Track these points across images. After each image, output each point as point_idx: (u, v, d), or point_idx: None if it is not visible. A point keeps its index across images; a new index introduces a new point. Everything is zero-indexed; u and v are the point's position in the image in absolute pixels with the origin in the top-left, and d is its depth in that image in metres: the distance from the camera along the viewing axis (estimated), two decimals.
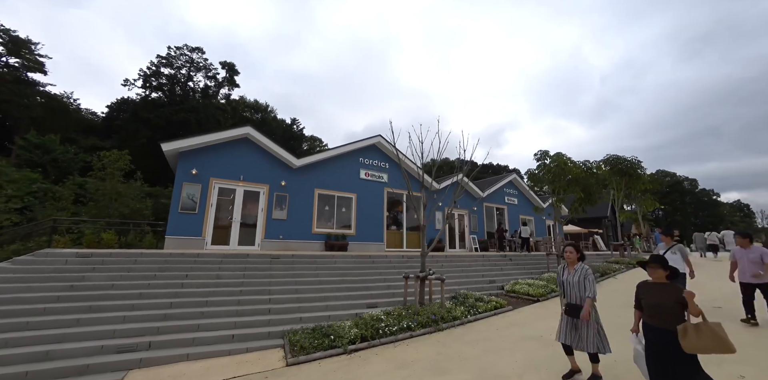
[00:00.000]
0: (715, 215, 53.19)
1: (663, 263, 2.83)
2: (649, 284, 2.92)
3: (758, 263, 5.00)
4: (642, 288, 2.96)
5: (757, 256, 5.03)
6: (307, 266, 7.81)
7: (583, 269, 3.52)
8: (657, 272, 2.83)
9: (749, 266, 5.09)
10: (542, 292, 7.58)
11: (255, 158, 10.35)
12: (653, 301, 2.75)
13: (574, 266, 3.59)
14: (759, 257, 5.02)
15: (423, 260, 6.68)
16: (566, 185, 9.57)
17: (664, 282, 2.83)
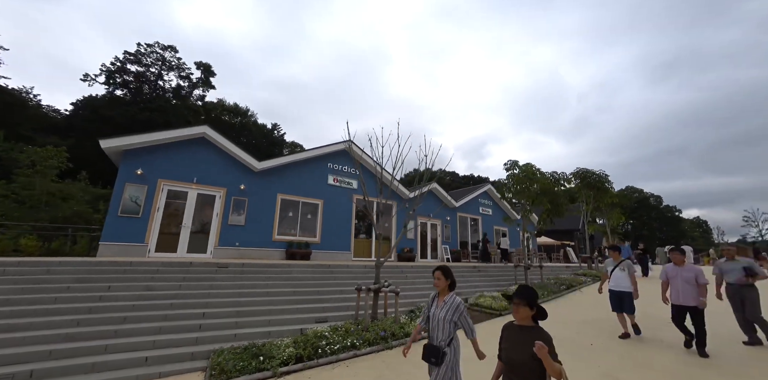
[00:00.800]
0: (677, 230, 55.97)
1: (529, 298, 2.00)
2: (513, 327, 2.10)
3: (692, 283, 4.40)
4: (504, 332, 2.15)
5: (692, 276, 4.43)
6: (258, 277, 7.21)
7: (453, 301, 2.61)
8: (520, 311, 2.02)
9: (683, 286, 4.50)
10: (505, 305, 7.29)
11: (212, 159, 9.72)
12: (509, 354, 2.02)
13: (443, 298, 2.69)
14: (693, 277, 4.41)
15: (377, 271, 6.26)
16: (534, 195, 9.53)
17: (529, 326, 2.02)
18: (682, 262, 4.68)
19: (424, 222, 14.99)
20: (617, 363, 4.14)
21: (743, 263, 4.81)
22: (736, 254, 5.12)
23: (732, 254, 5.06)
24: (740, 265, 4.81)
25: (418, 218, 14.62)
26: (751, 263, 4.79)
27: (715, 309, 5.34)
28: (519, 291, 2.06)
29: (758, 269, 4.65)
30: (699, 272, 4.46)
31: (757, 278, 4.65)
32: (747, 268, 4.71)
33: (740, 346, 4.80)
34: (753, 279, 4.65)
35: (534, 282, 10.12)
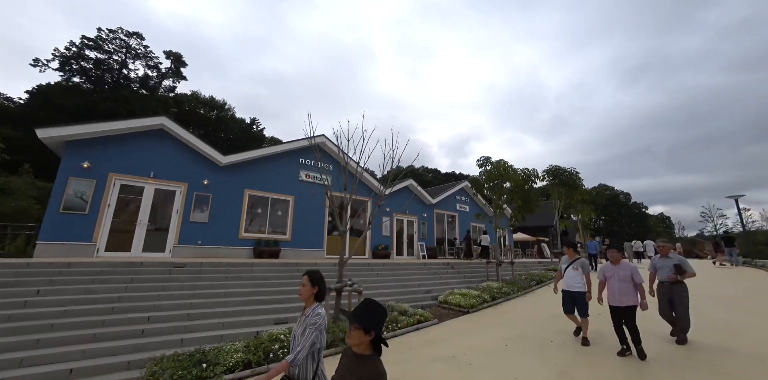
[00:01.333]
0: (643, 225, 58.90)
1: (364, 321, 1.55)
2: (349, 353, 1.66)
3: (628, 282, 4.18)
4: (341, 358, 1.70)
5: (628, 274, 4.20)
6: (216, 277, 6.80)
7: (314, 314, 2.11)
8: (352, 336, 1.57)
9: (620, 285, 4.21)
10: (474, 303, 7.24)
11: (171, 152, 9.11)
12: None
13: (306, 310, 2.19)
14: (629, 276, 4.19)
15: (340, 270, 6.02)
16: (506, 192, 9.55)
17: (362, 355, 1.57)
18: (619, 261, 4.40)
19: (400, 219, 14.84)
20: (572, 360, 4.10)
21: (675, 260, 4.63)
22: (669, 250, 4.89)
23: (666, 250, 4.81)
24: (672, 262, 4.62)
25: (393, 214, 14.46)
26: (681, 260, 4.60)
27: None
28: (356, 311, 1.60)
29: (687, 267, 4.49)
30: (634, 270, 4.24)
31: (686, 276, 4.48)
32: (677, 265, 4.54)
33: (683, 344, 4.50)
34: (682, 277, 4.48)
35: (505, 279, 10.19)
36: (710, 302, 7.14)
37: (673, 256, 4.69)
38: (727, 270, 13.53)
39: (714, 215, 32.54)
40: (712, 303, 6.98)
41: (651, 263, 4.93)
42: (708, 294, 8.08)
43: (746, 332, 4.96)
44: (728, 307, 6.59)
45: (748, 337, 4.71)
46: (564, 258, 5.14)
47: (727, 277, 11.45)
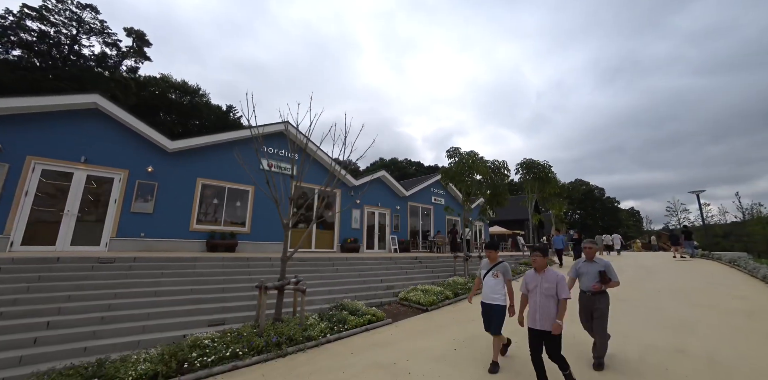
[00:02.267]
0: (615, 219, 61.34)
1: None
2: None
3: (552, 296, 3.18)
4: None
5: (552, 286, 3.19)
6: (149, 273, 6.12)
7: None
8: None
9: (541, 301, 3.22)
10: (434, 300, 6.90)
11: (108, 135, 8.17)
12: None
13: None
14: (554, 288, 3.18)
15: (283, 266, 5.47)
16: (474, 184, 9.23)
17: None
18: (543, 268, 3.34)
19: (371, 211, 14.37)
20: (519, 371, 3.78)
21: (600, 265, 3.77)
22: None
23: (593, 253, 3.91)
24: (597, 268, 3.76)
25: (364, 206, 13.97)
26: (607, 265, 3.75)
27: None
28: None
29: (612, 274, 3.72)
30: (560, 280, 3.19)
31: (609, 285, 3.72)
32: (602, 272, 3.71)
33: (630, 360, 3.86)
34: (606, 286, 3.71)
35: (473, 273, 9.96)
36: (668, 295, 7.12)
37: (599, 260, 3.83)
38: (685, 263, 13.96)
39: (678, 209, 34.07)
40: (669, 297, 6.96)
41: (573, 268, 3.99)
42: (666, 287, 8.12)
43: (700, 328, 4.83)
44: (684, 301, 6.56)
45: (702, 334, 4.57)
46: (484, 262, 4.07)
47: (685, 269, 11.74)
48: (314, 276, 7.78)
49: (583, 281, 3.86)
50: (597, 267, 3.78)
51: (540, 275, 3.36)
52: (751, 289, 7.63)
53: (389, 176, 15.01)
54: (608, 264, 3.77)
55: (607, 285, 3.72)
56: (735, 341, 4.31)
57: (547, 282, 3.28)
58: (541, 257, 3.36)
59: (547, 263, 3.43)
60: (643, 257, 17.86)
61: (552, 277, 3.29)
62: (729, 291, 7.33)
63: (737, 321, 5.08)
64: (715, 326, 4.92)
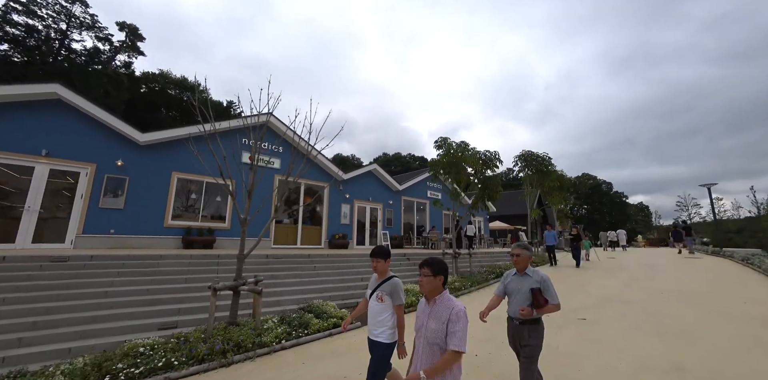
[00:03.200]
0: (623, 214, 59.89)
1: None
2: None
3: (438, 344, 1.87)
4: None
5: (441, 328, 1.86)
6: (105, 272, 5.72)
7: None
8: None
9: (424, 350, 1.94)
10: (413, 301, 6.38)
11: (73, 128, 7.77)
12: None
13: None
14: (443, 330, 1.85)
15: (239, 265, 5.00)
16: (462, 176, 8.63)
17: None
18: (433, 295, 2.02)
19: (362, 206, 13.86)
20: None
21: (535, 280, 2.62)
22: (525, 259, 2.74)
23: (524, 263, 2.72)
24: (529, 284, 2.62)
25: (355, 201, 13.46)
26: (543, 281, 2.61)
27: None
28: None
29: (550, 294, 2.57)
30: (457, 317, 1.83)
31: (545, 310, 2.54)
32: (536, 290, 2.55)
33: None
34: (539, 311, 2.54)
35: (461, 271, 9.42)
36: (672, 297, 6.49)
37: (533, 273, 2.68)
38: (694, 260, 13.18)
39: (689, 204, 32.83)
40: (673, 299, 6.32)
41: (500, 285, 2.90)
42: (671, 287, 7.47)
43: (705, 338, 4.22)
44: (690, 304, 5.92)
45: (707, 346, 3.96)
46: (373, 278, 2.78)
47: (694, 268, 11.01)
48: (289, 274, 7.34)
49: (511, 302, 2.71)
50: (529, 283, 2.60)
51: (429, 306, 1.98)
52: (766, 291, 6.94)
53: (381, 169, 14.46)
54: (545, 279, 2.61)
55: (541, 309, 2.52)
56: (745, 355, 3.70)
57: (435, 320, 1.90)
58: (431, 279, 1.96)
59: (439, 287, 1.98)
60: (649, 254, 17.09)
61: (443, 311, 1.88)
62: (741, 294, 6.66)
63: (749, 330, 4.45)
64: (722, 335, 4.31)
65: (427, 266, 2.02)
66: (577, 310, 5.69)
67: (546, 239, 11.75)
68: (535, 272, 2.70)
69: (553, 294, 2.58)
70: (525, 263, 2.72)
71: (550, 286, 2.60)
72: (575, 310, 5.70)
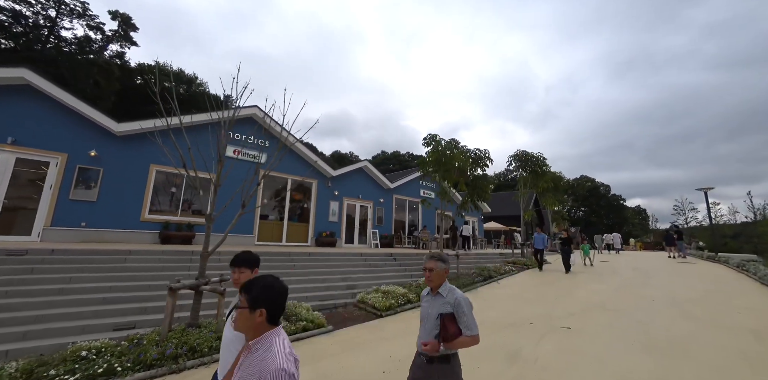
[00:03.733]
0: (620, 217, 59.82)
1: None
2: None
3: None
4: None
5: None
6: (65, 268, 5.40)
7: None
8: None
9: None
10: (391, 304, 6.10)
11: (43, 116, 7.42)
12: None
13: None
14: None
15: (202, 263, 4.69)
16: (450, 174, 8.33)
17: None
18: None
19: (351, 204, 13.55)
20: None
21: (447, 302, 1.95)
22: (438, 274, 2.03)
23: (437, 278, 2.02)
24: (439, 307, 1.95)
25: (344, 198, 13.14)
26: (459, 303, 1.91)
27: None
28: None
29: (466, 322, 1.87)
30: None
31: (457, 344, 1.87)
32: (445, 316, 1.89)
33: None
34: (450, 345, 1.87)
35: (452, 271, 9.12)
36: (662, 305, 6.22)
37: (448, 292, 1.98)
38: (687, 265, 12.95)
39: (686, 208, 32.66)
40: (663, 307, 6.05)
41: None
42: (662, 294, 7.20)
43: (694, 351, 3.94)
44: (680, 313, 5.65)
45: (695, 360, 3.68)
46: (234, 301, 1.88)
47: (687, 273, 10.76)
48: (265, 273, 7.03)
49: (420, 331, 2.05)
50: (440, 306, 1.93)
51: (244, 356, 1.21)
52: (761, 300, 6.68)
53: (372, 166, 14.14)
54: (461, 302, 1.90)
55: (451, 343, 1.84)
56: (736, 371, 3.42)
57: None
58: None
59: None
60: (643, 258, 16.85)
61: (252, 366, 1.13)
62: (734, 302, 6.39)
63: (741, 343, 4.18)
64: (713, 349, 4.02)
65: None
66: (561, 318, 5.41)
67: (534, 242, 11.33)
68: (451, 292, 1.99)
69: (469, 322, 1.86)
70: (439, 279, 2.00)
71: (466, 311, 1.88)
72: (560, 317, 5.42)
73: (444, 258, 2.05)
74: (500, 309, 6.14)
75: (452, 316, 1.90)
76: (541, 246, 10.88)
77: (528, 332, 4.74)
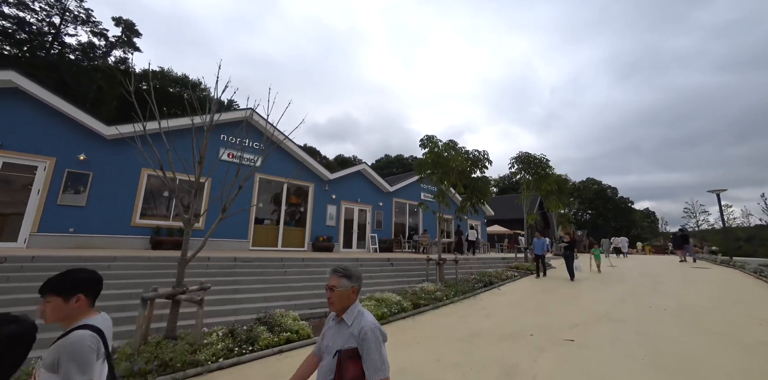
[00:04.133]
0: (628, 220, 58.69)
1: None
2: None
3: None
4: None
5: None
6: (43, 275, 5.15)
7: None
8: None
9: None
10: (384, 313, 5.78)
11: (32, 119, 7.32)
12: None
13: None
14: None
15: (180, 270, 4.46)
16: (447, 176, 8.04)
17: None
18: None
19: (350, 208, 13.30)
20: None
21: (351, 334, 1.44)
22: None
23: (340, 300, 1.52)
24: (342, 341, 1.44)
25: (342, 202, 12.90)
26: (365, 334, 1.40)
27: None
28: None
29: (372, 361, 1.35)
30: None
31: None
32: (343, 354, 1.41)
33: None
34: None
35: (447, 278, 8.79)
36: (672, 316, 5.81)
37: (352, 320, 1.49)
38: (701, 271, 12.41)
39: (697, 211, 31.81)
40: (674, 319, 5.64)
41: (320, 336, 1.66)
42: (673, 303, 6.78)
43: (708, 372, 3.57)
44: (693, 325, 5.25)
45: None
46: None
47: (700, 280, 10.26)
48: (255, 280, 6.78)
49: (319, 370, 1.52)
50: (342, 339, 1.45)
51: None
52: None
53: (370, 169, 13.90)
54: (368, 334, 1.41)
55: None
56: None
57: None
58: None
59: None
60: (652, 262, 16.28)
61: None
62: (754, 313, 5.95)
63: (762, 361, 3.79)
64: (730, 368, 3.65)
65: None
66: (564, 329, 5.06)
67: (534, 248, 10.64)
68: (358, 319, 1.48)
69: (375, 363, 1.36)
70: (342, 301, 1.51)
71: (372, 346, 1.38)
72: (562, 329, 5.06)
73: (350, 274, 1.57)
74: (498, 317, 5.80)
75: (355, 353, 1.40)
76: (540, 252, 10.33)
77: (527, 345, 4.40)
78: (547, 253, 12.14)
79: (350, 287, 1.55)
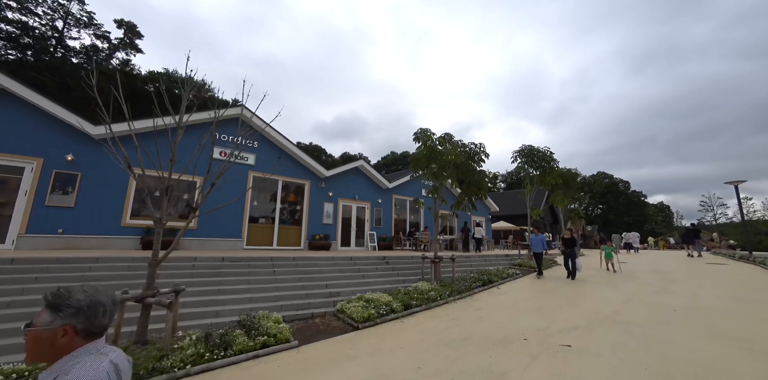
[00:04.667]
0: (641, 214, 57.01)
1: None
2: None
3: None
4: None
5: None
6: (21, 278, 5.14)
7: None
8: None
9: None
10: (371, 315, 5.51)
11: (17, 120, 7.26)
12: None
13: None
14: None
15: (151, 272, 4.27)
16: (440, 172, 7.69)
17: None
18: None
19: (347, 205, 13.04)
20: None
21: None
22: None
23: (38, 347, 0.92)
24: None
25: (339, 199, 12.66)
26: None
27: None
28: None
29: None
30: None
31: None
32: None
33: None
34: None
35: (444, 277, 8.46)
36: (683, 317, 5.37)
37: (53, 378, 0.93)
38: (717, 267, 11.76)
39: (714, 204, 30.52)
40: (684, 321, 5.21)
41: None
42: (685, 304, 6.31)
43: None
44: (705, 328, 4.82)
45: None
46: None
47: (715, 277, 9.68)
48: (240, 280, 6.58)
49: None
50: None
51: None
52: None
53: (368, 165, 13.61)
54: None
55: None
56: None
57: None
58: None
59: None
60: (663, 258, 15.54)
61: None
62: None
63: None
64: (747, 378, 3.24)
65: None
66: (561, 332, 4.69)
67: (532, 245, 10.07)
68: None
69: None
70: (38, 349, 0.93)
71: None
72: (560, 332, 4.70)
73: (60, 305, 0.93)
74: (492, 320, 5.46)
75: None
76: (539, 249, 9.76)
77: (519, 351, 4.07)
78: (547, 251, 11.62)
79: (57, 326, 0.92)
